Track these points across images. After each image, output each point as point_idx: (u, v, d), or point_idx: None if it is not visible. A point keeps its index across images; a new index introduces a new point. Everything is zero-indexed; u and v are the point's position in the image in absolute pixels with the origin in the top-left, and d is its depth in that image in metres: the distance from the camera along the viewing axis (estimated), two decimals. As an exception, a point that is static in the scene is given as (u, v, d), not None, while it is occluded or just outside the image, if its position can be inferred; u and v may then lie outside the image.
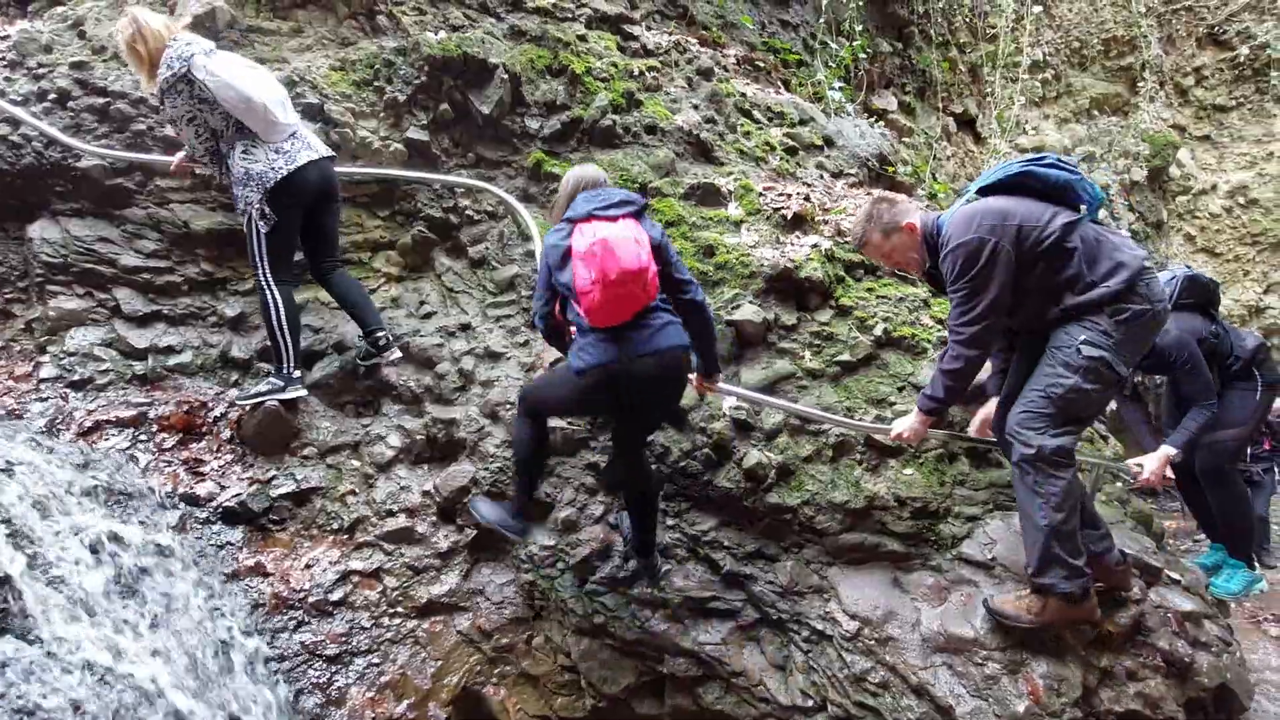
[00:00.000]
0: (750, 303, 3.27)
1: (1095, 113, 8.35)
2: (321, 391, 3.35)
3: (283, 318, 3.03)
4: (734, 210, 3.72)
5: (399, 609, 2.97)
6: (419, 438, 3.30)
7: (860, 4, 5.79)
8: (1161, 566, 2.84)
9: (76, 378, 3.22)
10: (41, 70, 3.64)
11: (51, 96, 3.55)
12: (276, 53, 3.78)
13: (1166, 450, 3.24)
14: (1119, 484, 3.47)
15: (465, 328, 3.55)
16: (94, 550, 2.59)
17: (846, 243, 3.53)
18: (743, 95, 4.52)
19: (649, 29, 4.67)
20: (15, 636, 2.16)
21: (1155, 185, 8.26)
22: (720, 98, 4.36)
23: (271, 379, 3.13)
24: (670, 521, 3.09)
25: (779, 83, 5.09)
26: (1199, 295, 3.85)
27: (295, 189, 2.99)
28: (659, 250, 2.46)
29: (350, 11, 3.98)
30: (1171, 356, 3.54)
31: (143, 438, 3.12)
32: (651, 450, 3.07)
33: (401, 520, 3.12)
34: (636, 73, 4.23)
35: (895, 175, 4.73)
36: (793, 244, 3.50)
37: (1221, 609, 3.02)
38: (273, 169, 2.96)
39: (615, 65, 4.18)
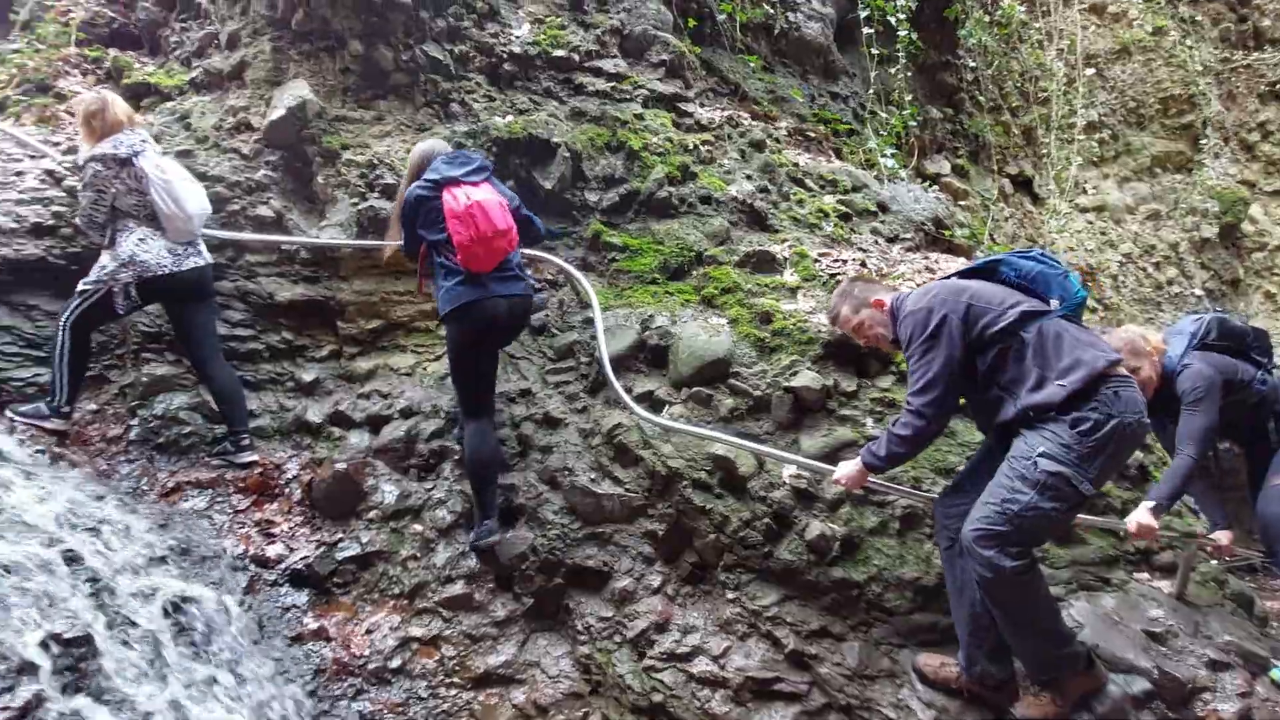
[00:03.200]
0: (808, 369, 3.25)
1: (1157, 170, 8.18)
2: (387, 455, 3.45)
3: (68, 358, 3.17)
4: (790, 277, 3.75)
5: (455, 679, 2.94)
6: (479, 503, 3.33)
7: (908, 75, 5.92)
8: (1268, 655, 2.59)
9: (162, 440, 3.40)
10: (152, 159, 4.01)
11: (159, 182, 3.90)
12: (359, 139, 4.09)
13: (1147, 503, 2.82)
14: (1214, 563, 3.22)
15: (525, 393, 3.62)
16: (168, 612, 2.67)
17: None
18: (795, 165, 4.62)
19: (702, 106, 4.86)
20: (91, 696, 2.23)
21: (1228, 242, 7.95)
22: (773, 168, 4.46)
23: (41, 406, 3.22)
24: (730, 595, 3.00)
25: (830, 152, 5.19)
26: (1232, 340, 3.47)
27: (167, 283, 3.25)
28: (514, 210, 3.23)
29: (426, 100, 4.29)
30: (1184, 389, 3.06)
31: (219, 499, 3.25)
32: (710, 519, 3.03)
33: (460, 587, 3.12)
34: (691, 146, 4.39)
35: (952, 238, 4.70)
36: (851, 310, 3.49)
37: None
38: (158, 262, 3.21)
39: (670, 140, 4.35)
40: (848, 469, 2.63)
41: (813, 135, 5.22)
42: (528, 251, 3.90)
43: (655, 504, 3.17)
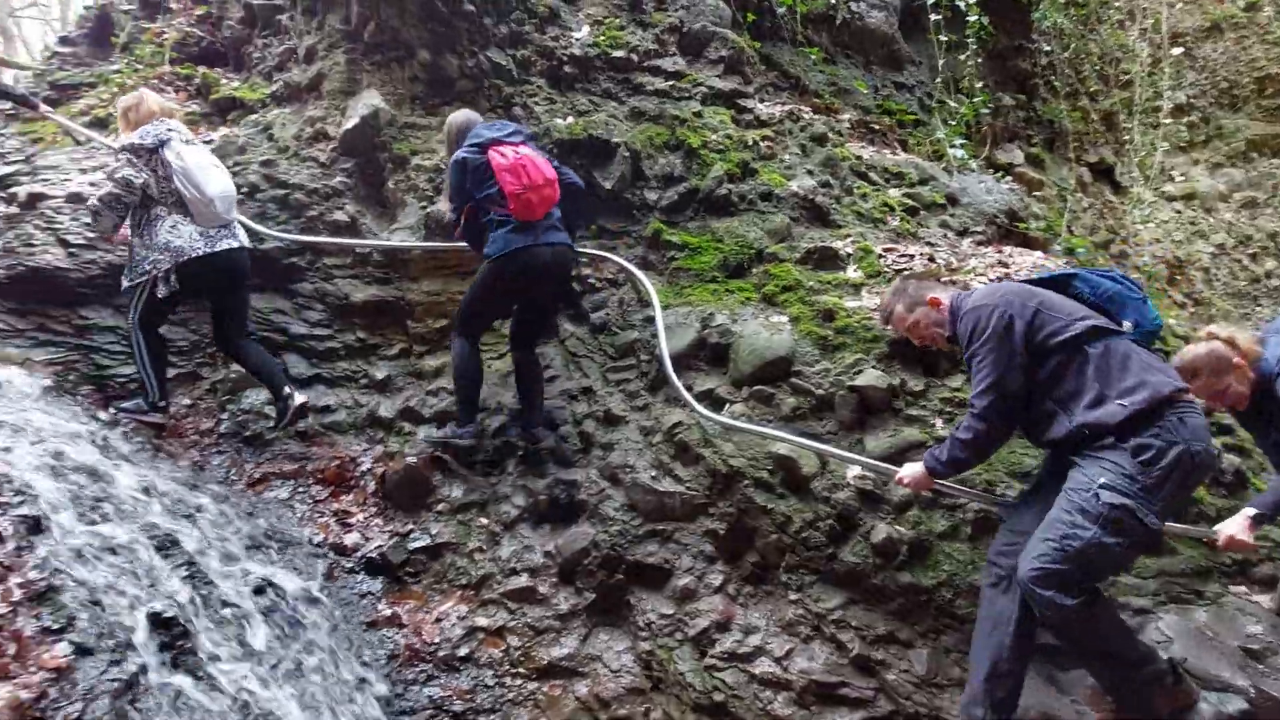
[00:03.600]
0: (873, 368, 3.18)
1: (1253, 155, 7.61)
2: (455, 450, 3.55)
3: (146, 355, 3.35)
4: (853, 273, 3.67)
5: (520, 669, 3.01)
6: (541, 498, 3.40)
7: (978, 61, 5.69)
8: None
9: (249, 434, 3.61)
10: (237, 168, 4.26)
11: (244, 190, 4.14)
12: (427, 144, 4.23)
13: (1247, 511, 2.60)
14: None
15: (586, 391, 3.68)
16: (256, 593, 2.84)
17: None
18: (858, 158, 4.52)
19: (762, 101, 4.81)
20: (186, 672, 2.39)
21: (1339, 232, 7.33)
22: (835, 162, 4.38)
23: (140, 402, 3.38)
24: (793, 596, 2.97)
25: (896, 144, 5.05)
26: None
27: (202, 266, 3.34)
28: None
29: (490, 105, 4.40)
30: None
31: (300, 489, 3.43)
32: (772, 519, 3.00)
33: (524, 580, 3.20)
34: (751, 143, 4.35)
35: (1026, 230, 4.50)
36: (918, 307, 3.39)
37: None
38: (191, 245, 3.31)
39: (730, 137, 4.33)
40: (912, 471, 2.56)
41: (877, 127, 5.09)
42: (589, 251, 3.96)
43: (716, 502, 3.16)
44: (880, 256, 3.72)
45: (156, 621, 2.37)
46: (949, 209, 4.37)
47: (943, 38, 5.28)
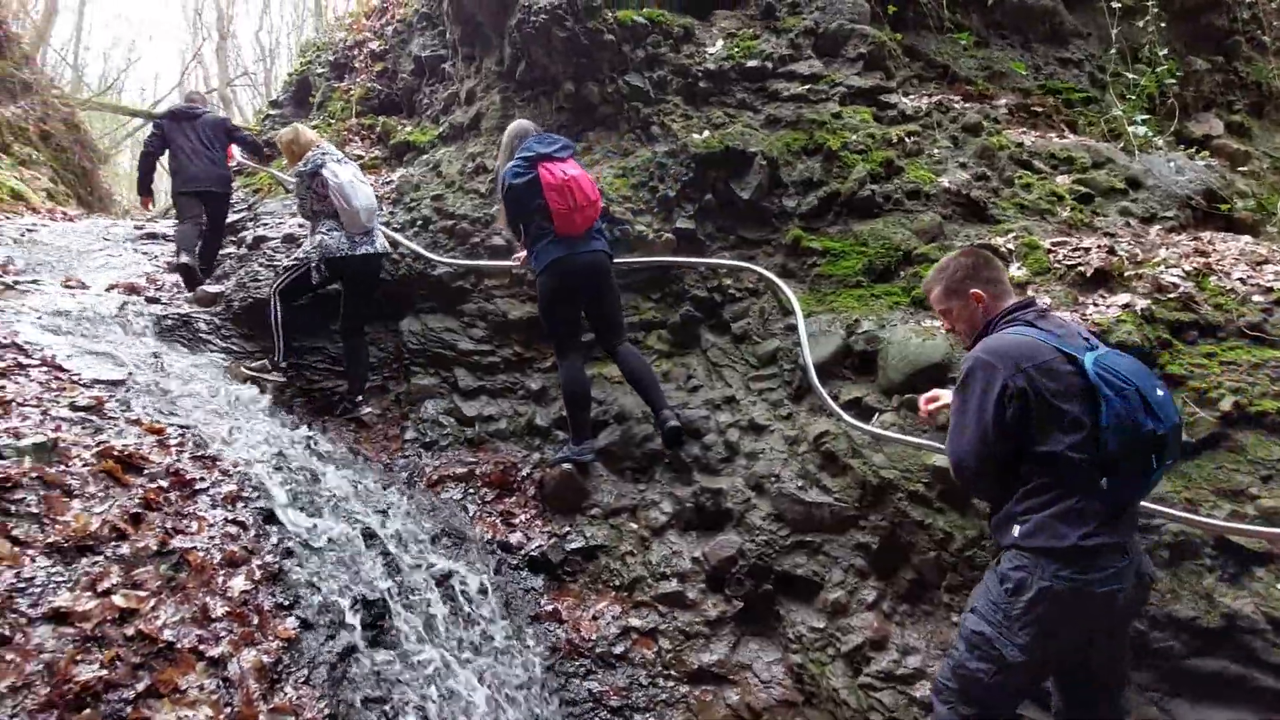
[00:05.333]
0: (1044, 373, 2.93)
1: None
2: (606, 457, 3.75)
3: (280, 321, 4.09)
4: (1017, 271, 3.41)
5: (672, 672, 3.11)
6: (688, 505, 3.49)
7: (1160, 25, 5.05)
8: None
9: (428, 440, 4.04)
10: (412, 203, 4.81)
11: (418, 222, 4.66)
12: (572, 168, 4.50)
13: None
14: None
15: (729, 400, 3.72)
16: (440, 583, 3.18)
17: (1170, 300, 3.01)
18: (1018, 145, 4.20)
19: (906, 95, 4.61)
20: (386, 649, 2.73)
21: None
22: (991, 152, 4.10)
23: (265, 363, 4.16)
24: (955, 618, 2.81)
25: (1062, 126, 4.62)
26: None
27: (343, 263, 4.04)
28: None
29: (629, 127, 4.60)
30: None
31: (471, 491, 3.79)
32: (930, 534, 2.86)
33: (674, 585, 3.30)
34: (895, 140, 4.19)
35: (1231, 212, 3.93)
36: (1096, 304, 3.10)
37: None
38: (338, 246, 4.01)
39: (872, 136, 4.19)
40: None
41: (1039, 110, 4.68)
42: (727, 261, 4.01)
43: (867, 515, 3.08)
44: (1049, 251, 3.43)
45: (363, 603, 2.74)
46: (1130, 194, 3.93)
47: (1115, 3, 4.76)
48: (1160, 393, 1.86)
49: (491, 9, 4.73)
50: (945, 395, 2.38)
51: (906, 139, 4.20)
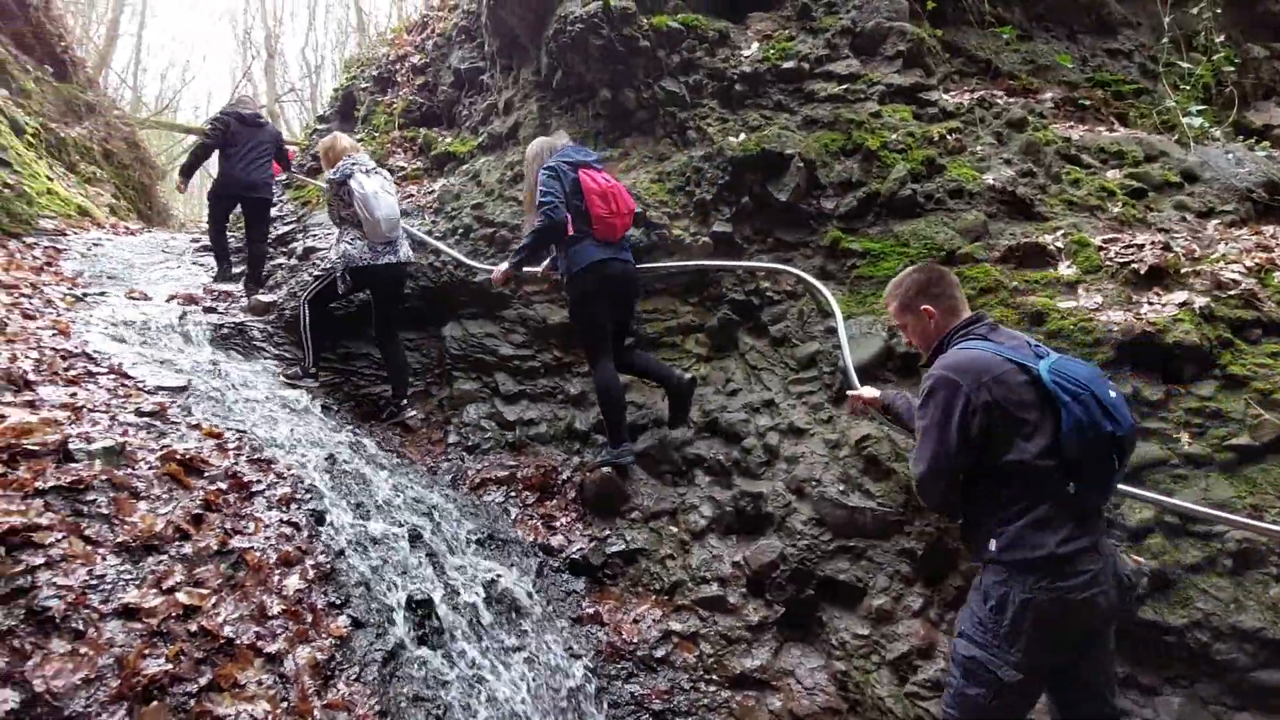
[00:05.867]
0: (1097, 374, 2.84)
1: None
2: (645, 461, 3.77)
3: (309, 328, 4.20)
4: (1066, 270, 3.32)
5: (714, 676, 3.10)
6: (728, 509, 3.48)
7: (1215, 10, 4.86)
8: None
9: (470, 444, 4.12)
10: (453, 212, 4.91)
11: (459, 231, 4.76)
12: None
13: None
14: None
15: (769, 404, 3.70)
16: (485, 585, 3.23)
17: (1231, 297, 2.89)
18: (1066, 140, 4.08)
19: (947, 91, 4.53)
20: (432, 649, 2.78)
21: None
22: (1037, 147, 3.99)
23: (297, 370, 4.24)
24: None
25: (1112, 119, 4.48)
26: None
27: (366, 272, 4.12)
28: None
29: (665, 132, 4.63)
30: None
31: (513, 494, 3.84)
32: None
33: (714, 589, 3.29)
34: (936, 138, 4.12)
35: (1297, 206, 3.75)
36: (1151, 303, 2.99)
37: None
38: (360, 255, 4.08)
39: (912, 134, 4.13)
40: None
41: (1087, 103, 4.55)
42: (765, 264, 3.99)
43: (912, 520, 3.02)
44: (1100, 249, 3.33)
45: (411, 603, 2.81)
46: (1186, 187, 3.78)
47: (1169, -9, 4.60)
48: (1113, 394, 1.92)
49: (528, 21, 4.81)
50: (874, 392, 2.78)
51: (948, 136, 4.12)
